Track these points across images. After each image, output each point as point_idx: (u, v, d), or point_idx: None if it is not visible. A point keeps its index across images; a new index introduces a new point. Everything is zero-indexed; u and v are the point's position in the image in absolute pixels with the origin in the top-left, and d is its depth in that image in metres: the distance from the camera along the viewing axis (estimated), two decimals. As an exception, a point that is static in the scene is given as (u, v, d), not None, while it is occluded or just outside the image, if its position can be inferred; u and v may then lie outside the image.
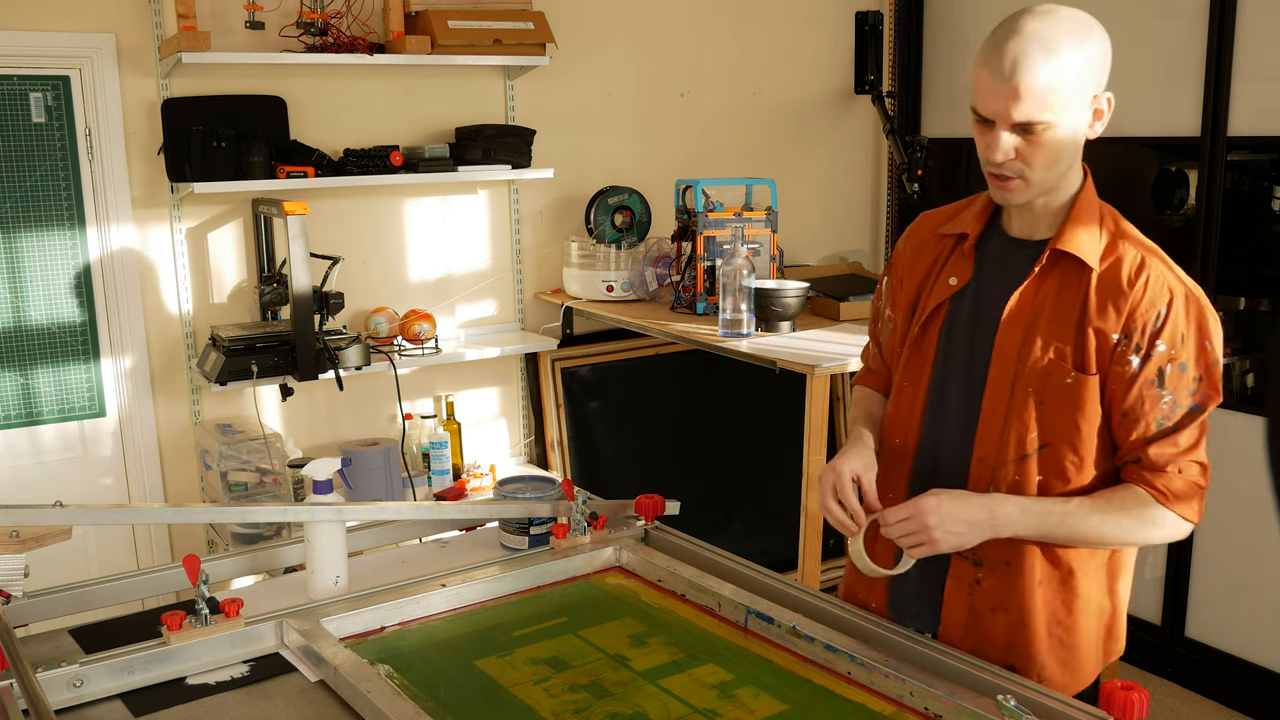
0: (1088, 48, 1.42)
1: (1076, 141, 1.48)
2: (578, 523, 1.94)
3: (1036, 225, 1.56)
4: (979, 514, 1.48)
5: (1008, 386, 1.52)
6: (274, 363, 2.97)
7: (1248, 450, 3.32)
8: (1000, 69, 1.40)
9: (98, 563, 3.13)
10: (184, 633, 1.54)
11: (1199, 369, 1.48)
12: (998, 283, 1.56)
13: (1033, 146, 1.44)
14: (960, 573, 1.59)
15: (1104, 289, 1.48)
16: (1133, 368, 1.47)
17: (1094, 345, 1.47)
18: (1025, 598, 1.56)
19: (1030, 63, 1.39)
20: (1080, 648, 1.60)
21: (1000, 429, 1.53)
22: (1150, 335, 1.46)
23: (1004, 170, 1.47)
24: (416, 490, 3.30)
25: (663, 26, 3.82)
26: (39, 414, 3.05)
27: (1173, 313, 1.47)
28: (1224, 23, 3.23)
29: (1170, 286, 1.48)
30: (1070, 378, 1.48)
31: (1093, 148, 1.54)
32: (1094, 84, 1.44)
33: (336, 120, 3.29)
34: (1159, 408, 1.48)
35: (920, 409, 1.62)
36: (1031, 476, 1.52)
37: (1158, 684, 3.56)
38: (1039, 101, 1.40)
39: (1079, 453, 1.51)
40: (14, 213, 2.95)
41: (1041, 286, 1.52)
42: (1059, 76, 1.40)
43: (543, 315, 3.73)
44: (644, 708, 1.44)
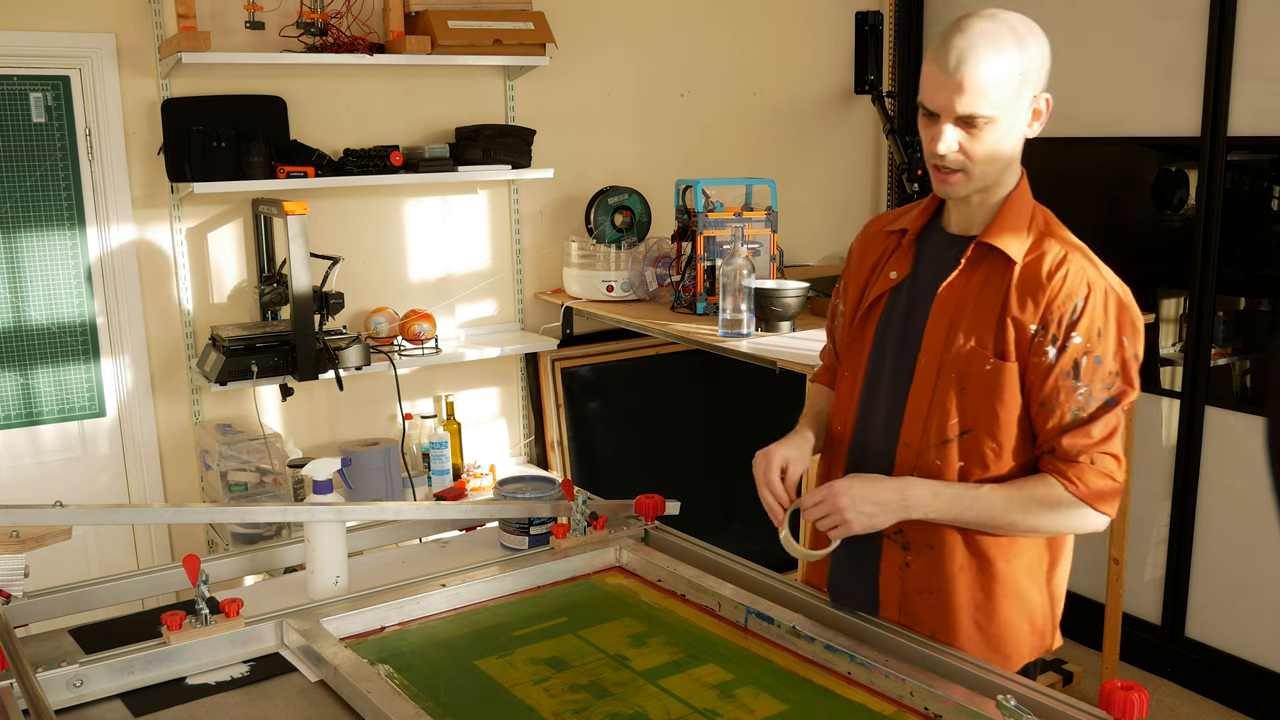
0: (1029, 49, 1.50)
1: (1016, 139, 1.56)
2: (578, 523, 1.94)
3: (973, 221, 1.62)
4: (889, 495, 1.55)
5: (933, 374, 1.59)
6: (274, 363, 2.97)
7: (1248, 450, 3.32)
8: (946, 64, 1.49)
9: (98, 563, 3.13)
10: (184, 633, 1.55)
11: (1115, 363, 1.53)
12: (932, 276, 1.64)
13: (974, 140, 1.51)
14: (892, 556, 1.66)
15: (1025, 282, 1.54)
16: (1049, 358, 1.52)
17: (1013, 335, 1.54)
18: (948, 581, 1.62)
19: (975, 58, 1.47)
20: (1001, 635, 1.64)
21: (925, 415, 1.60)
22: (1066, 327, 1.52)
23: (947, 163, 1.54)
24: (416, 490, 3.30)
25: (663, 26, 3.82)
26: (39, 414, 3.05)
27: (1090, 307, 1.52)
28: (1224, 23, 3.23)
29: (1089, 281, 1.53)
30: (990, 365, 1.55)
31: (1093, 148, 1.56)
32: (1034, 84, 1.53)
33: (336, 120, 3.29)
34: (1074, 399, 1.53)
35: (857, 397, 1.70)
36: (952, 462, 1.58)
37: (1158, 684, 3.56)
38: (981, 96, 1.48)
39: (998, 440, 1.57)
40: (14, 213, 2.95)
41: (970, 279, 1.59)
42: (1001, 73, 1.48)
43: (543, 315, 3.73)
44: (644, 708, 1.44)
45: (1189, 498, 3.48)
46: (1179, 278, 3.48)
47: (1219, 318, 3.38)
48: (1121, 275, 1.62)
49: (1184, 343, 3.47)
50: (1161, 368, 3.56)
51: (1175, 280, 3.51)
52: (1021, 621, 1.66)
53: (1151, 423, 3.56)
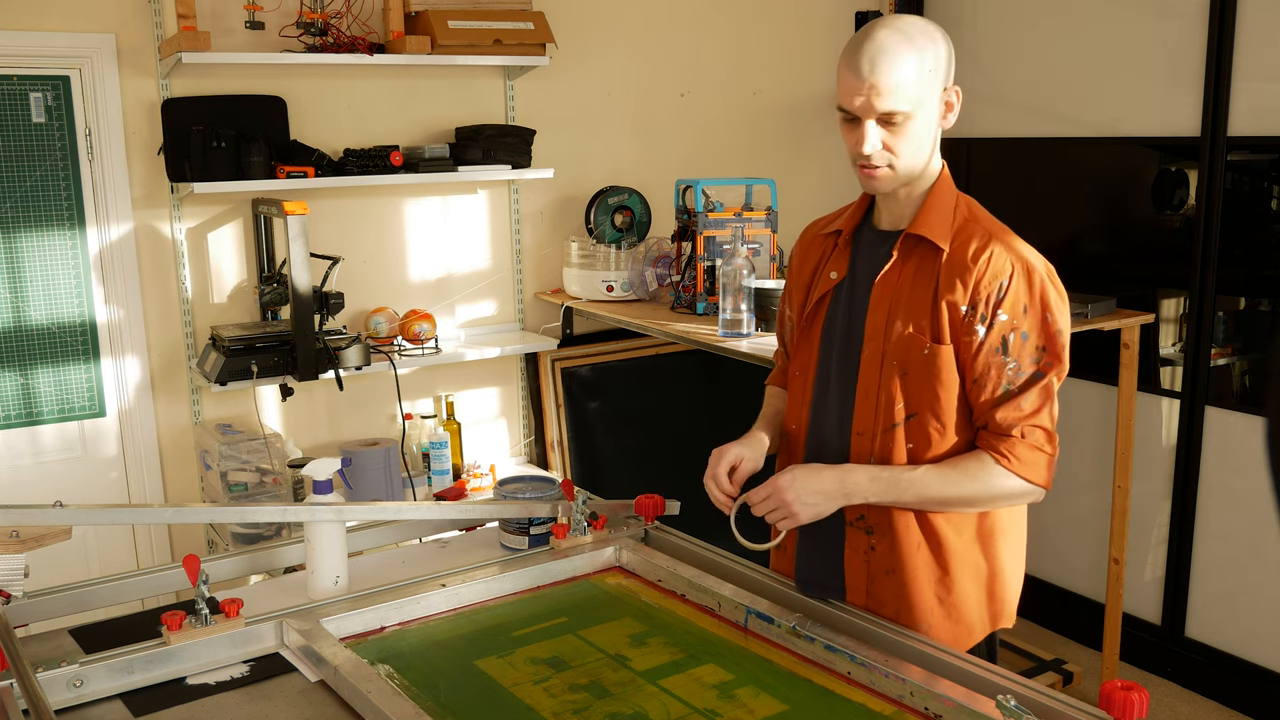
0: (934, 47, 1.60)
1: (932, 132, 1.65)
2: (578, 523, 1.94)
3: (902, 216, 1.70)
4: (830, 484, 1.63)
5: (878, 364, 1.66)
6: (274, 363, 2.97)
7: (1248, 450, 3.32)
8: (861, 69, 1.57)
9: (98, 563, 3.13)
10: (184, 633, 1.55)
11: (1041, 338, 1.61)
12: (869, 271, 1.71)
13: (896, 137, 1.60)
14: (855, 542, 1.71)
15: (952, 266, 1.62)
16: (979, 336, 1.60)
17: (946, 317, 1.61)
18: (907, 559, 1.68)
19: (887, 59, 1.56)
20: (960, 606, 1.70)
21: (873, 402, 1.66)
22: (993, 305, 1.59)
23: (873, 161, 1.62)
24: (416, 490, 3.30)
25: (663, 26, 3.82)
26: (39, 414, 3.05)
27: (1014, 285, 1.60)
28: (1224, 23, 3.23)
29: (1012, 261, 1.61)
30: (927, 349, 1.62)
31: (1093, 148, 1.57)
32: (942, 79, 1.62)
33: (336, 120, 3.29)
34: (1004, 374, 1.60)
35: (809, 395, 1.77)
36: (901, 445, 1.65)
37: (1158, 684, 3.56)
38: (897, 94, 1.57)
39: (941, 420, 1.64)
40: (14, 213, 2.95)
41: (903, 269, 1.67)
42: (911, 71, 1.57)
43: (543, 315, 3.73)
44: (644, 708, 1.44)
45: (1189, 498, 3.48)
46: (1179, 278, 3.48)
47: (1219, 318, 3.38)
48: (1121, 275, 1.63)
49: (1184, 343, 3.47)
50: (1161, 368, 3.56)
51: (1175, 280, 3.51)
52: (978, 591, 1.72)
53: (1151, 423, 3.56)
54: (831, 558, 1.74)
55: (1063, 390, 1.64)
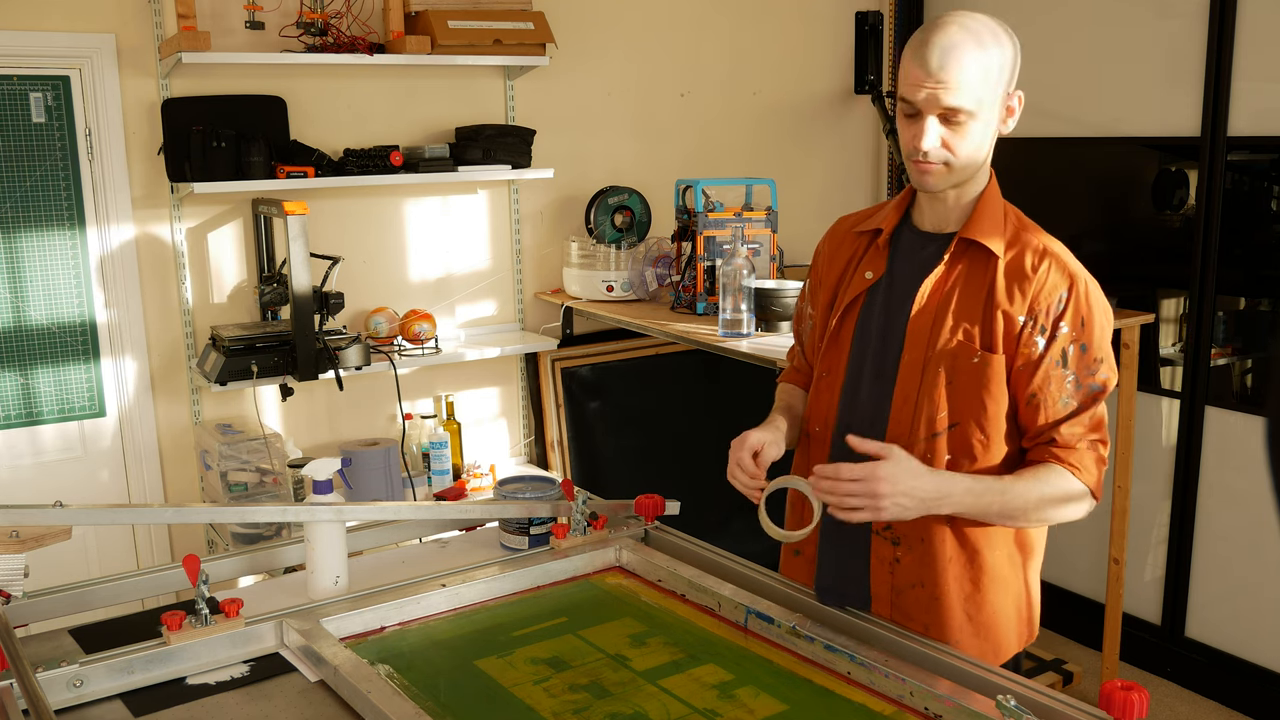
0: (1004, 49, 1.57)
1: (991, 135, 1.61)
2: (578, 523, 1.94)
3: (946, 220, 1.67)
4: (928, 489, 1.53)
5: (919, 370, 1.62)
6: (274, 363, 2.97)
7: (1248, 450, 3.32)
8: (929, 62, 1.53)
9: (98, 563, 3.13)
10: (184, 633, 1.54)
11: (1099, 351, 1.59)
12: (910, 274, 1.67)
13: (955, 135, 1.57)
14: (881, 552, 1.68)
15: (1009, 275, 1.59)
16: (1038, 348, 1.57)
17: (1001, 327, 1.58)
18: (939, 574, 1.65)
19: (957, 55, 1.53)
20: (992, 624, 1.68)
21: (912, 410, 1.62)
22: (1054, 318, 1.57)
23: (930, 157, 1.58)
24: (416, 490, 3.30)
25: (663, 26, 3.82)
26: (39, 414, 3.05)
27: (1074, 297, 1.58)
28: (1224, 23, 3.23)
29: (1071, 273, 1.59)
30: (977, 357, 1.58)
31: (1093, 148, 1.57)
32: (1008, 82, 1.59)
33: (336, 120, 3.29)
34: (1065, 387, 1.58)
35: (837, 396, 1.72)
36: (941, 454, 1.61)
37: (1158, 684, 3.56)
38: (964, 91, 1.53)
39: (986, 432, 1.60)
40: (14, 213, 2.95)
41: (951, 274, 1.63)
42: (981, 70, 1.54)
43: (543, 315, 3.73)
44: (644, 708, 1.44)
45: (1189, 498, 3.48)
46: (1179, 278, 3.48)
47: (1219, 318, 3.38)
48: (1121, 275, 1.64)
49: (1184, 343, 3.47)
50: (1161, 368, 3.56)
51: (1175, 280, 3.51)
52: (1009, 609, 1.69)
53: (1151, 423, 3.56)
54: (855, 570, 1.71)
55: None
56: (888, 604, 1.68)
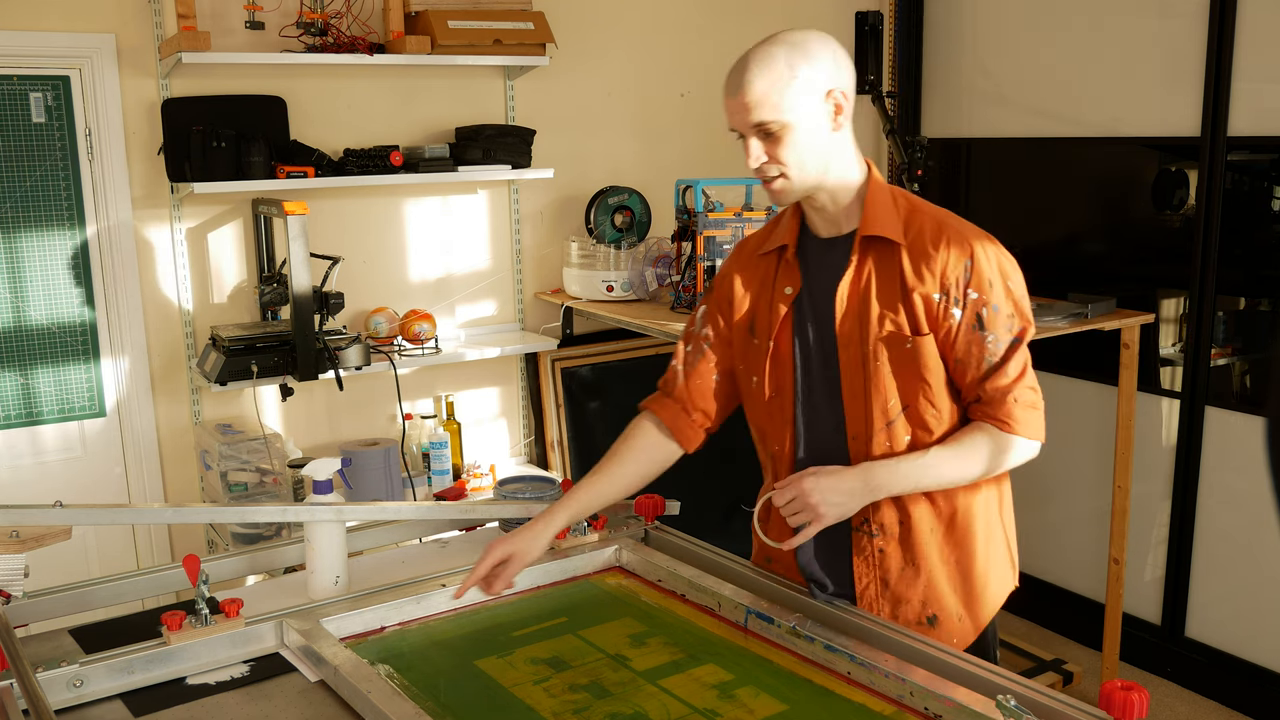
0: (808, 53, 1.66)
1: (820, 137, 1.64)
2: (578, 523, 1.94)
3: (839, 222, 1.71)
4: (854, 483, 1.64)
5: (859, 368, 1.68)
6: (274, 363, 2.97)
7: (1248, 450, 3.32)
8: (730, 88, 1.64)
9: (98, 563, 3.13)
10: (184, 633, 1.55)
11: (1009, 306, 1.66)
12: (825, 280, 1.72)
13: (778, 146, 1.62)
14: (862, 547, 1.73)
15: (914, 257, 1.65)
16: (955, 319, 1.64)
17: (921, 308, 1.64)
18: (924, 551, 1.71)
19: (750, 76, 1.62)
20: (981, 578, 1.75)
21: (863, 405, 1.68)
22: (963, 287, 1.64)
23: (765, 173, 1.65)
24: (416, 490, 3.30)
25: (663, 26, 3.82)
26: (39, 414, 3.05)
27: (976, 262, 1.64)
28: (1224, 23, 3.23)
29: (968, 241, 1.65)
30: (909, 343, 1.65)
31: (1093, 148, 1.57)
32: (824, 83, 1.64)
33: (336, 120, 3.29)
34: (985, 348, 1.65)
35: (791, 412, 1.75)
36: (901, 436, 1.68)
37: (1158, 684, 3.56)
38: (764, 105, 1.60)
39: (935, 405, 1.67)
40: (14, 213, 2.95)
41: (862, 272, 1.68)
42: (778, 80, 1.61)
43: (543, 315, 3.73)
44: (644, 708, 1.44)
45: (1189, 498, 3.48)
46: (1179, 278, 3.48)
47: (1219, 318, 3.38)
48: (1121, 275, 1.64)
49: (1184, 343, 3.47)
50: (1161, 368, 3.56)
51: (1175, 280, 3.51)
52: (996, 557, 1.77)
53: (1151, 423, 3.56)
54: (840, 569, 1.74)
55: (1063, 390, 1.66)
56: (878, 596, 1.73)
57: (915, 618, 1.73)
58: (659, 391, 1.93)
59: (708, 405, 1.87)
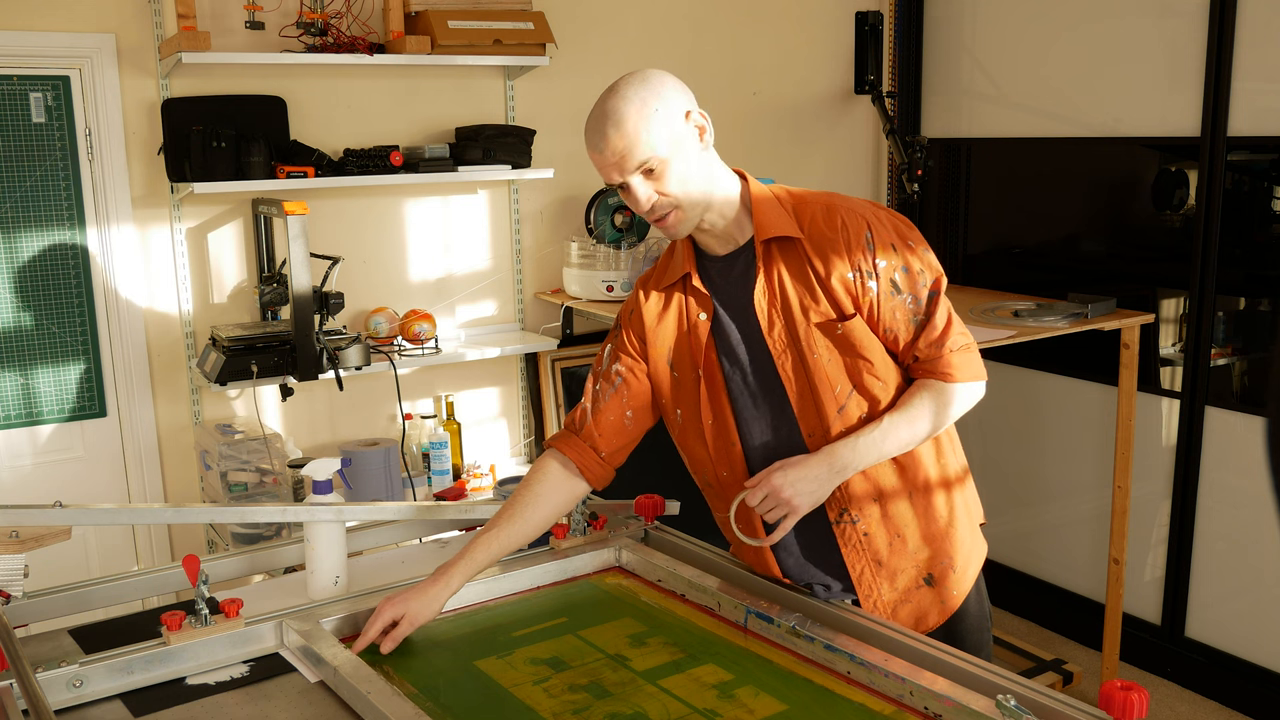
0: (652, 86, 1.65)
1: (694, 160, 1.66)
2: (577, 523, 1.94)
3: (730, 237, 1.72)
4: (820, 468, 1.65)
5: (800, 369, 1.69)
6: (274, 363, 2.97)
7: (1248, 450, 3.32)
8: (598, 144, 1.65)
9: (98, 563, 3.14)
10: (184, 633, 1.55)
11: (918, 263, 1.70)
12: (738, 296, 1.72)
13: (663, 181, 1.63)
14: (848, 537, 1.74)
15: (816, 246, 1.67)
16: (873, 293, 1.67)
17: (841, 292, 1.66)
18: (905, 517, 1.75)
19: (614, 124, 1.62)
20: (964, 523, 1.81)
21: (813, 402, 1.69)
22: (871, 260, 1.67)
23: (658, 210, 1.65)
24: (416, 490, 3.30)
25: (663, 26, 3.82)
26: (39, 414, 3.05)
27: (874, 232, 1.67)
28: (1224, 23, 3.23)
29: (860, 214, 1.68)
30: (840, 329, 1.67)
31: (1093, 148, 1.57)
32: (678, 108, 1.66)
33: (336, 120, 3.29)
34: (907, 309, 1.69)
35: (735, 434, 1.75)
36: (854, 414, 1.70)
37: (1158, 684, 3.56)
38: (638, 145, 1.61)
39: (880, 376, 1.70)
40: (14, 213, 2.95)
41: (772, 276, 1.69)
42: (641, 118, 1.61)
43: (543, 315, 3.73)
44: (644, 708, 1.44)
45: (1189, 498, 3.48)
46: (1179, 278, 3.48)
47: (1219, 318, 3.38)
48: (1121, 275, 1.64)
49: (1184, 343, 3.47)
50: (1161, 368, 3.56)
51: (1175, 280, 3.51)
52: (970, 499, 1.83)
53: (1151, 423, 3.56)
54: (829, 560, 1.75)
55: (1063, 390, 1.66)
56: (874, 577, 1.75)
57: (914, 584, 1.76)
58: (565, 430, 1.86)
59: (617, 443, 1.84)
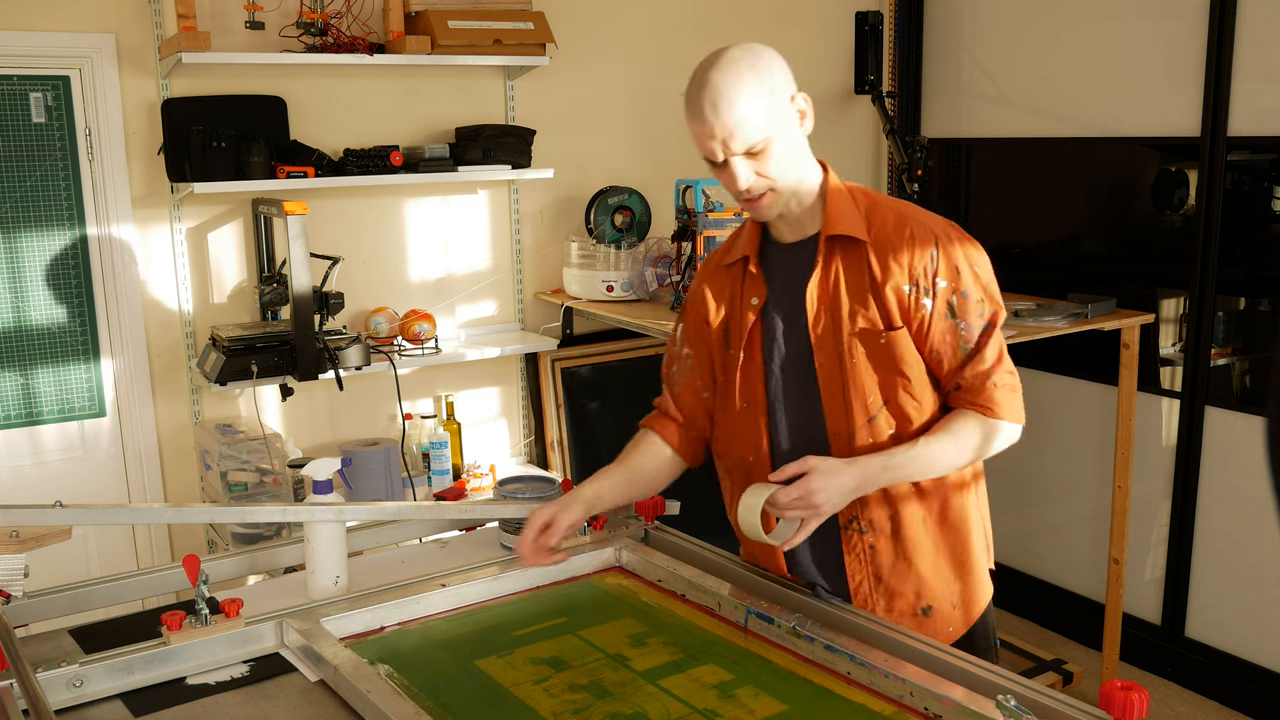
0: (762, 64, 1.61)
1: (795, 143, 1.66)
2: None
3: (801, 225, 1.72)
4: (851, 481, 1.64)
5: (836, 368, 1.68)
6: (274, 363, 2.97)
7: (1248, 450, 3.32)
8: (705, 116, 1.60)
9: (98, 563, 3.13)
10: (184, 633, 1.54)
11: (979, 292, 1.67)
12: (793, 286, 1.72)
13: (764, 162, 1.62)
14: (853, 545, 1.73)
15: (880, 252, 1.66)
16: (927, 310, 1.65)
17: (893, 302, 1.65)
18: (918, 541, 1.73)
19: (725, 99, 1.58)
20: (976, 565, 1.78)
21: (843, 404, 1.68)
22: (931, 276, 1.65)
23: (754, 192, 1.64)
24: (416, 490, 3.30)
25: (663, 27, 3.82)
26: (39, 414, 3.05)
27: (941, 250, 1.65)
28: (1224, 23, 3.23)
29: (932, 229, 1.66)
30: (884, 338, 1.66)
31: (1092, 147, 1.58)
32: (784, 90, 1.63)
33: (336, 120, 3.29)
34: (959, 336, 1.67)
35: (764, 420, 1.75)
36: (883, 430, 1.68)
37: (1158, 684, 3.56)
38: (748, 126, 1.59)
39: (916, 396, 1.68)
40: (14, 213, 2.95)
41: (830, 272, 1.69)
42: (752, 97, 1.59)
43: (543, 315, 3.73)
44: (644, 708, 1.44)
45: (1189, 498, 3.48)
46: (1179, 278, 3.48)
47: (1219, 318, 3.38)
48: (1121, 275, 1.64)
49: (1184, 343, 3.47)
50: (1161, 368, 3.56)
51: (1175, 280, 3.51)
52: (984, 543, 1.80)
53: (1151, 423, 3.56)
54: (832, 566, 1.75)
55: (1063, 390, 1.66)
56: (871, 591, 1.74)
57: (910, 610, 1.74)
58: (655, 411, 1.95)
59: (702, 420, 1.88)
